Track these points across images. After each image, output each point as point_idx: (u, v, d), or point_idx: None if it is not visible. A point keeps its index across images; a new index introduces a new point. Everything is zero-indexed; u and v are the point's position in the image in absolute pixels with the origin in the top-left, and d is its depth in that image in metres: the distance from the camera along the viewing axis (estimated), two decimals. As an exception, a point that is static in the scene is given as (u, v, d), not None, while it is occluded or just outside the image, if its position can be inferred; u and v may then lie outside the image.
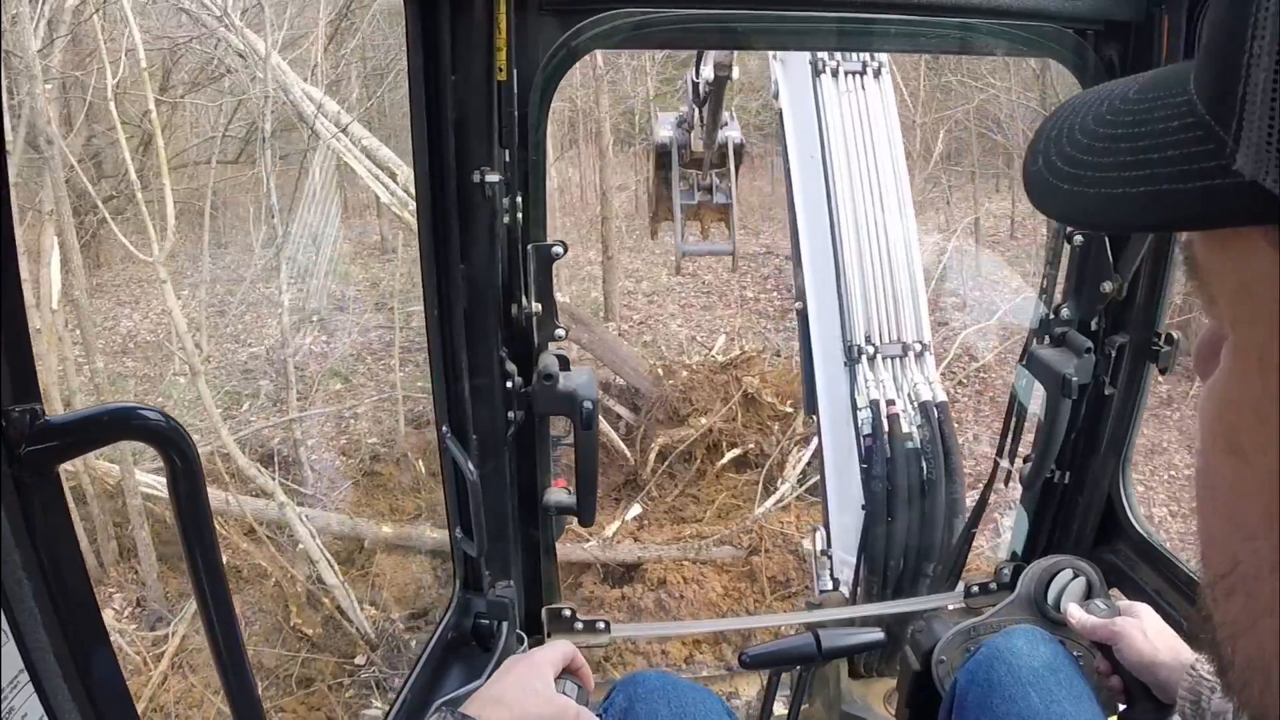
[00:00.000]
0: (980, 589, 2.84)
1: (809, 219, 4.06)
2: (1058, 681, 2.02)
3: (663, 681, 2.02)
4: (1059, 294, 2.54)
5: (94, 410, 1.15)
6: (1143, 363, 2.47)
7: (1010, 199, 19.19)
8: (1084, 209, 0.61)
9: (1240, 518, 0.57)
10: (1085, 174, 0.61)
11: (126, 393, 12.67)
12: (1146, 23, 2.18)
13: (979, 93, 16.64)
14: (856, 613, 2.94)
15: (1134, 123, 0.59)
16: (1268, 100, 0.46)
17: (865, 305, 3.71)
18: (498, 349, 2.21)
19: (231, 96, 13.65)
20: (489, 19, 1.90)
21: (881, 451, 3.43)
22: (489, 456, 2.31)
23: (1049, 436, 2.50)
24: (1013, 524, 2.97)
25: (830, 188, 3.82)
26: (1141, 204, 0.56)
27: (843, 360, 3.72)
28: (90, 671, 1.11)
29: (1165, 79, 0.60)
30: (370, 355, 14.38)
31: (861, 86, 3.94)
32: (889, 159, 3.91)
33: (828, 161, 3.85)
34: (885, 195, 3.85)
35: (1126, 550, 2.63)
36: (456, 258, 2.07)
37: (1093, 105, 0.65)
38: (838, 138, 3.87)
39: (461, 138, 1.98)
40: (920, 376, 3.66)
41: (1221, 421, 0.58)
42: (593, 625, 2.65)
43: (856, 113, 3.91)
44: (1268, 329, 0.52)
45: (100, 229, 12.70)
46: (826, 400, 3.96)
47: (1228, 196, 0.50)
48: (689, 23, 2.12)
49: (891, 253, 3.78)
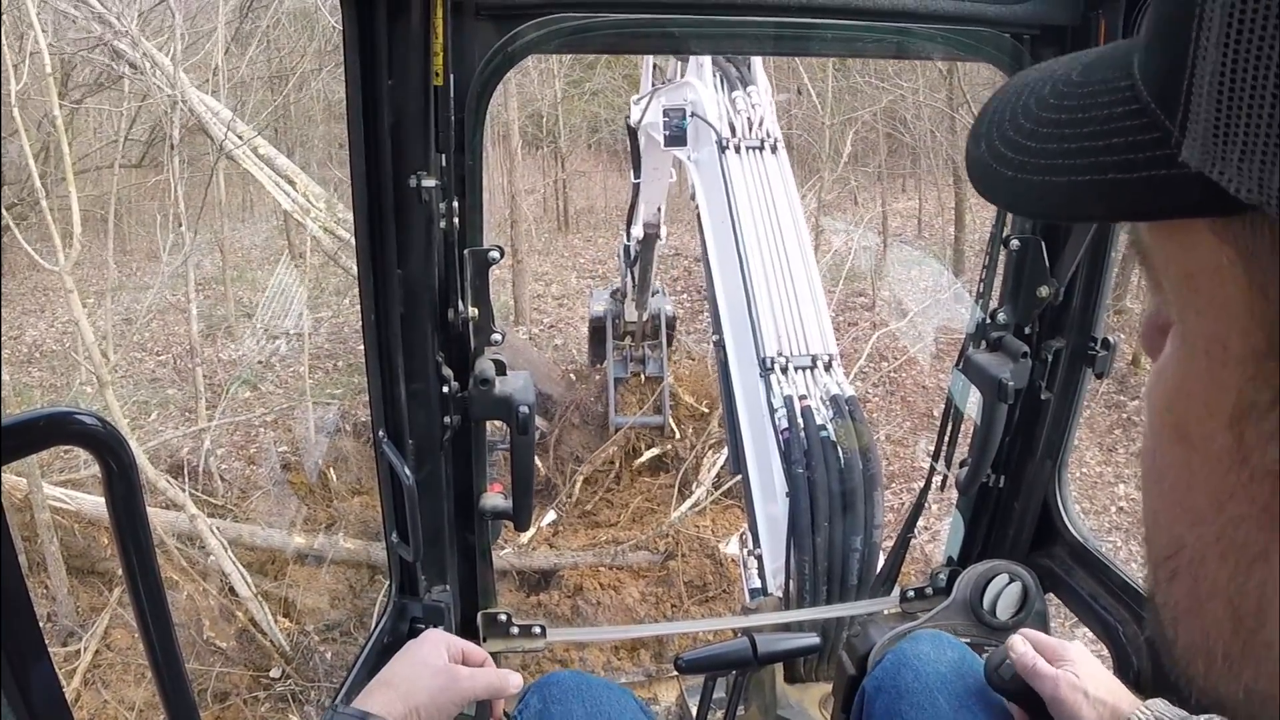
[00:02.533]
0: (916, 594, 2.84)
1: (721, 260, 4.49)
2: (965, 686, 2.02)
3: (577, 681, 2.02)
4: (995, 298, 2.54)
5: (29, 415, 1.12)
6: (1079, 367, 2.49)
7: (918, 198, 19.45)
8: (1027, 196, 0.61)
9: (1187, 502, 0.57)
10: (1029, 160, 0.60)
11: (33, 403, 12.38)
12: (1083, 26, 2.20)
13: (886, 94, 16.86)
14: (792, 617, 2.94)
15: (1078, 108, 0.59)
16: (1214, 93, 0.46)
17: (775, 323, 3.95)
18: (434, 353, 2.20)
19: (132, 100, 13.41)
20: (426, 24, 1.89)
21: (798, 442, 3.46)
22: (425, 461, 2.30)
23: (985, 441, 2.52)
24: (949, 529, 3.00)
25: (738, 234, 4.25)
26: (1086, 193, 0.56)
27: (758, 371, 3.85)
28: (29, 678, 1.09)
29: (1109, 60, 0.60)
30: (279, 362, 14.22)
31: (762, 158, 4.63)
32: (788, 209, 4.43)
33: (735, 219, 4.30)
34: (785, 235, 4.30)
35: (1062, 555, 2.65)
36: (393, 262, 2.06)
37: (1035, 87, 0.64)
38: (743, 199, 4.41)
39: (398, 142, 1.97)
40: (831, 381, 3.77)
41: (1170, 409, 0.58)
42: (529, 630, 2.63)
43: (758, 178, 4.53)
44: (1214, 319, 0.52)
45: (2, 237, 12.42)
46: (745, 406, 4.09)
47: (1173, 187, 0.50)
48: (626, 28, 2.12)
49: (795, 281, 4.11)
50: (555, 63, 18.65)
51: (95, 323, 11.14)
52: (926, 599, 2.82)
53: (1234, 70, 0.44)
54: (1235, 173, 0.45)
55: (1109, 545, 9.92)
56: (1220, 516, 0.54)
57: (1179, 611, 0.59)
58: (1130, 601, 2.34)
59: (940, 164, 17.96)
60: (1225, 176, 0.46)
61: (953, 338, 12.29)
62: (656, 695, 6.77)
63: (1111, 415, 12.34)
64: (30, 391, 12.92)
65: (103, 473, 1.21)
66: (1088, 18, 2.19)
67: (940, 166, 18.05)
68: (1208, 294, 0.52)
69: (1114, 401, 12.50)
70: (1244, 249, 0.48)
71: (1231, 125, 0.45)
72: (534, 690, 2.01)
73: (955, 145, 16.23)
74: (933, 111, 16.93)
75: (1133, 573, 2.38)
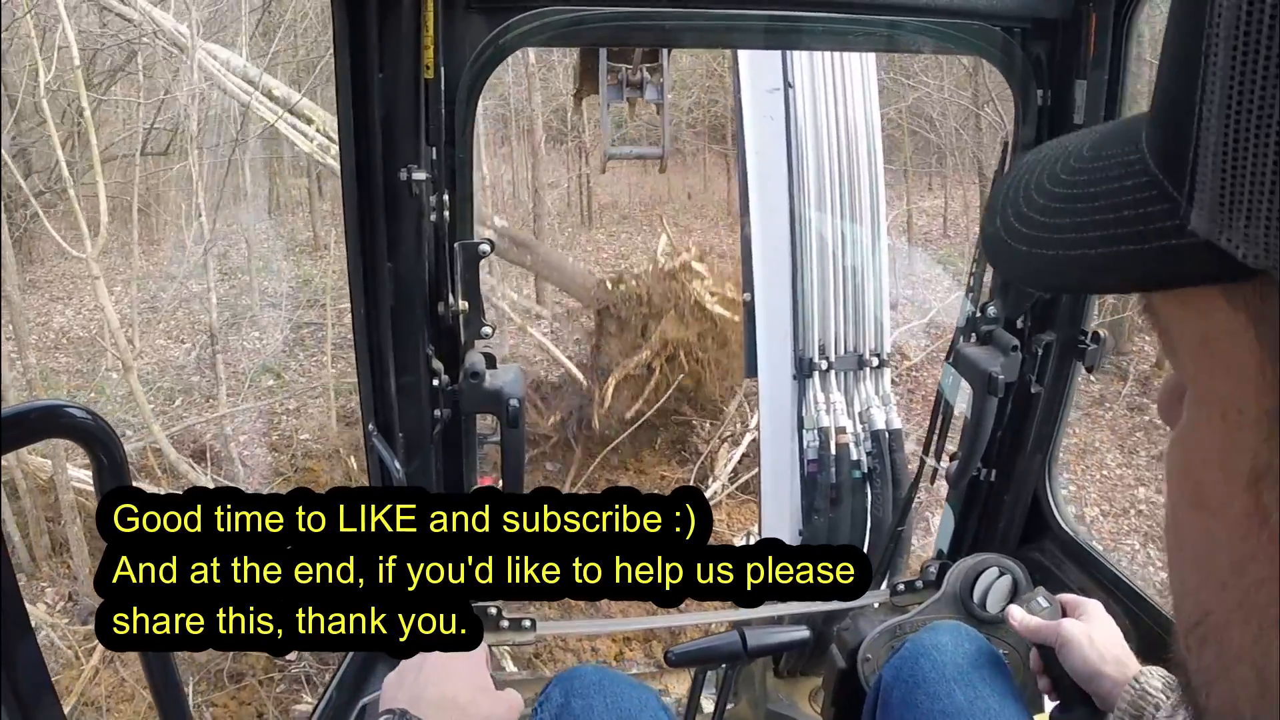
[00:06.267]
0: (906, 587, 2.84)
1: (764, 209, 3.61)
2: (983, 678, 2.01)
3: (599, 676, 2.01)
4: (986, 292, 2.55)
5: (22, 408, 1.14)
6: (1069, 361, 2.49)
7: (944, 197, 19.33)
8: (1042, 271, 0.61)
9: (1209, 568, 0.57)
10: (1042, 235, 0.61)
11: (60, 388, 12.49)
12: (1074, 20, 2.21)
13: (911, 91, 16.75)
14: (783, 611, 2.94)
15: (1089, 181, 0.59)
16: (1219, 163, 0.46)
17: (822, 311, 3.56)
18: (424, 347, 2.21)
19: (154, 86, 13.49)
20: (416, 16, 1.90)
21: (826, 482, 3.41)
22: (415, 455, 2.30)
23: (975, 435, 2.51)
24: (939, 522, 2.99)
25: (793, 167, 3.54)
26: (1100, 265, 0.56)
27: (791, 372, 3.59)
28: (15, 663, 1.10)
29: (1118, 134, 0.60)
30: (303, 351, 14.27)
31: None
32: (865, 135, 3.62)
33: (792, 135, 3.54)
34: (858, 178, 3.60)
35: (1053, 549, 2.65)
36: (383, 255, 2.07)
37: (1047, 164, 0.65)
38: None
39: (389, 135, 1.98)
40: (874, 395, 3.58)
41: (1187, 476, 0.59)
42: (518, 623, 2.63)
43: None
44: (1229, 383, 0.52)
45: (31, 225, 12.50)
46: (770, 410, 3.74)
47: (1185, 256, 0.50)
48: (616, 20, 2.12)
49: (859, 257, 3.61)
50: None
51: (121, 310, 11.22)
52: (916, 592, 2.82)
53: (1236, 140, 0.45)
54: (1242, 239, 0.46)
55: (1126, 548, 9.86)
56: (1242, 580, 0.54)
57: (1209, 677, 0.59)
58: (1120, 595, 2.33)
59: (966, 162, 17.85)
60: (1233, 243, 0.46)
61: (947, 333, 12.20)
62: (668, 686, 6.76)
63: (1134, 418, 12.25)
64: (57, 377, 13.00)
65: (92, 465, 1.23)
66: (1078, 11, 2.19)
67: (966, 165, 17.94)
68: (1223, 358, 0.53)
69: (1136, 404, 12.41)
70: (1254, 313, 0.49)
71: (1236, 193, 0.46)
72: (556, 684, 2.00)
73: (980, 144, 16.16)
74: (958, 109, 16.81)
75: (1123, 567, 2.37)
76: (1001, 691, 2.00)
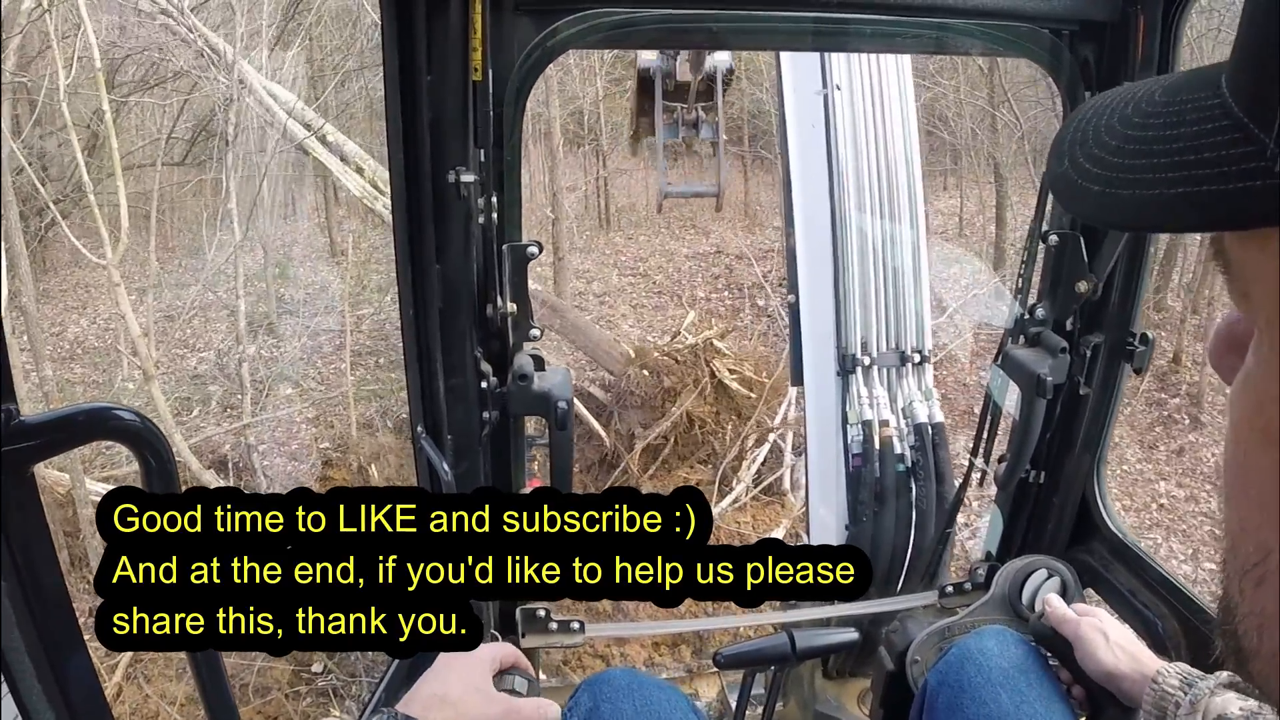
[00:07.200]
0: (955, 589, 2.83)
1: (807, 214, 3.68)
2: (1029, 683, 2.00)
3: (629, 679, 2.00)
4: (1034, 294, 2.54)
5: (69, 410, 1.14)
6: (1118, 362, 2.47)
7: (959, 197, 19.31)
8: (1118, 209, 0.62)
9: (1276, 506, 0.57)
10: (1117, 175, 0.62)
11: (76, 399, 12.50)
12: (1122, 23, 2.20)
13: (926, 91, 16.75)
14: (831, 613, 2.92)
15: (1165, 124, 0.60)
16: None
17: (864, 309, 3.57)
18: (473, 349, 2.20)
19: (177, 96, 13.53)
20: (465, 19, 1.89)
21: (870, 477, 3.40)
22: (463, 457, 2.30)
23: (1024, 436, 2.51)
24: (988, 524, 2.98)
25: (834, 169, 3.57)
26: (1179, 205, 0.56)
27: (835, 369, 3.59)
28: (66, 672, 1.11)
29: (1193, 82, 0.61)
30: (320, 359, 14.30)
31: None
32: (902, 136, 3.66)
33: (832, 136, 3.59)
34: (896, 177, 3.65)
35: (1101, 550, 2.63)
36: (432, 257, 2.07)
37: (1116, 108, 0.66)
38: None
39: (437, 138, 1.98)
40: (916, 391, 3.57)
41: (1260, 414, 0.59)
42: (567, 625, 2.63)
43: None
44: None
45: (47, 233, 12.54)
46: (815, 408, 3.73)
47: (1268, 197, 0.51)
48: (664, 22, 2.11)
49: (899, 254, 3.64)
50: (596, 60, 18.60)
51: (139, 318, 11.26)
52: (965, 594, 2.81)
53: None
54: None
55: (1149, 542, 9.84)
56: None
57: (1265, 617, 0.59)
58: (1169, 597, 2.32)
59: (981, 162, 17.85)
60: None
61: (991, 334, 12.19)
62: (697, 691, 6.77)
63: (1152, 413, 12.23)
64: (73, 388, 13.03)
65: (141, 468, 1.23)
66: (1126, 14, 2.18)
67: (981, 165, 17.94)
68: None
69: (1155, 399, 12.39)
70: None
71: None
72: (585, 687, 1.99)
73: (996, 144, 16.17)
74: (974, 109, 16.82)
75: (1172, 569, 2.36)
76: (1047, 696, 1.99)
